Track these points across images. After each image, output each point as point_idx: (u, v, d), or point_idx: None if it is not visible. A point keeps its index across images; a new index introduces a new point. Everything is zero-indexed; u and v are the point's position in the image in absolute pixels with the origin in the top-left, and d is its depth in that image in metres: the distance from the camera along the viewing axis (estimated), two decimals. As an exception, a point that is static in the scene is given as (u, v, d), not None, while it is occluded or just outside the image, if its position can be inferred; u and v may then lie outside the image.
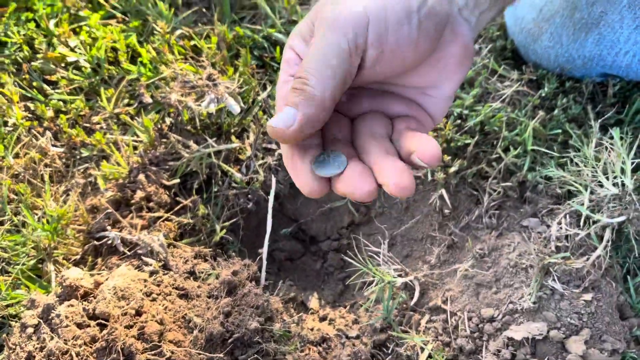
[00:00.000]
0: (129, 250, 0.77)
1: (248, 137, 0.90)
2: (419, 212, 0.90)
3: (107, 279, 0.69)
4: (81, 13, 1.00)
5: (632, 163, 0.76)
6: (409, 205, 0.92)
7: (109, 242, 0.77)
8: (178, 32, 0.97)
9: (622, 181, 0.76)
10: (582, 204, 0.79)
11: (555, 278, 0.74)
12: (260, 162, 0.88)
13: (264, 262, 0.80)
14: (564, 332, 0.71)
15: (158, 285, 0.71)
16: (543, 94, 0.93)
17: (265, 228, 0.88)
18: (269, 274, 0.86)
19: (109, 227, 0.78)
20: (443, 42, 0.49)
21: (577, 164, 0.84)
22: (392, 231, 0.91)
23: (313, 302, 0.88)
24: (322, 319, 0.84)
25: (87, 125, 0.91)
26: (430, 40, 0.48)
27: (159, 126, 0.88)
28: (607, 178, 0.78)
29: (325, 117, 0.45)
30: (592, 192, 0.80)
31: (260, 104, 0.93)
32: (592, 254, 0.77)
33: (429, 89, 0.53)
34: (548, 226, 0.82)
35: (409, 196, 0.43)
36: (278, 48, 0.97)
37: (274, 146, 0.91)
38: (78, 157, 0.88)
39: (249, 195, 0.87)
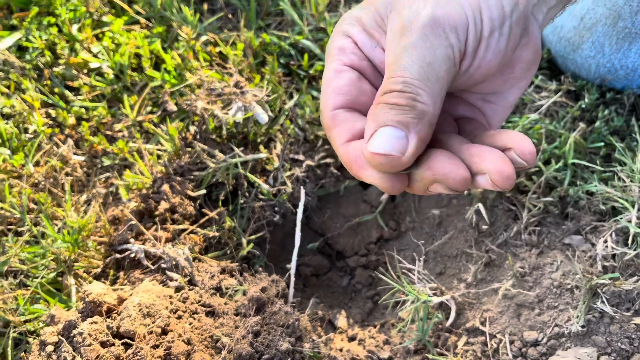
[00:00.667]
0: (152, 264, 0.73)
1: (275, 147, 0.87)
2: (453, 227, 0.86)
3: (131, 295, 0.66)
4: (104, 18, 0.97)
5: (686, 179, 0.72)
6: (442, 220, 0.88)
7: (132, 255, 0.73)
8: (203, 38, 0.94)
9: (675, 198, 0.71)
10: (630, 221, 0.75)
11: (604, 300, 0.70)
12: (288, 173, 0.84)
13: (292, 279, 0.76)
14: (614, 358, 0.66)
15: (184, 302, 0.67)
16: (583, 105, 0.89)
17: (292, 242, 0.84)
18: (295, 290, 0.82)
19: (132, 240, 0.74)
20: (517, 49, 0.44)
21: (622, 179, 0.79)
22: (425, 247, 0.87)
23: (341, 320, 0.84)
24: (351, 339, 0.80)
25: (109, 132, 0.88)
26: (514, 48, 0.43)
27: (184, 135, 0.85)
28: (657, 194, 0.74)
29: (431, 135, 0.40)
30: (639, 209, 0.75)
31: (287, 112, 0.90)
32: (641, 274, 0.72)
33: (492, 96, 0.48)
34: (593, 244, 0.77)
35: (508, 189, 0.37)
36: (306, 56, 0.94)
37: (301, 157, 0.87)
38: (99, 165, 0.85)
39: (276, 208, 0.84)
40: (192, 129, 0.86)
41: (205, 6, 1.00)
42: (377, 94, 0.40)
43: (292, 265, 0.76)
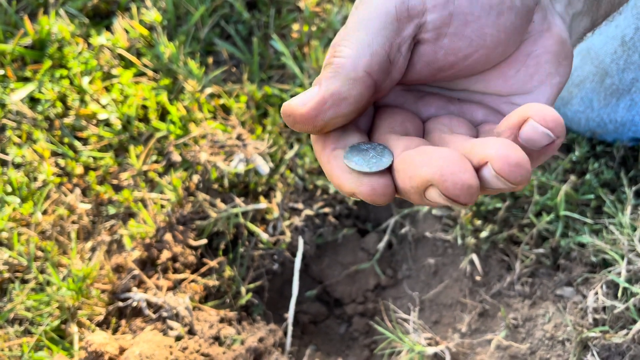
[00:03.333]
0: (154, 313, 0.75)
1: (275, 196, 0.90)
2: (448, 276, 0.88)
3: (132, 345, 0.68)
4: (114, 71, 1.02)
5: (672, 234, 0.74)
6: (437, 269, 0.90)
7: (134, 304, 0.75)
8: (208, 90, 0.98)
9: (662, 252, 0.73)
10: (619, 274, 0.77)
11: (595, 353, 0.71)
12: (287, 222, 0.87)
13: (290, 328, 0.78)
14: (606, 413, 0.67)
15: (183, 352, 0.69)
16: (574, 158, 0.92)
17: (290, 289, 0.86)
18: (292, 338, 0.84)
19: (134, 288, 0.77)
20: (533, 32, 0.38)
21: (612, 232, 0.82)
22: (421, 295, 0.89)
23: (338, 368, 0.85)
24: (348, 387, 0.81)
25: (115, 181, 0.91)
26: (516, 12, 0.37)
27: (187, 184, 0.88)
28: (645, 248, 0.76)
29: (359, 98, 0.34)
30: (629, 262, 0.77)
31: (287, 162, 0.93)
32: (632, 327, 0.74)
33: (518, 97, 0.39)
34: (584, 296, 0.79)
35: (522, 183, 0.29)
36: (306, 107, 0.98)
37: (300, 206, 0.90)
38: (105, 213, 0.88)
39: (275, 256, 0.86)
40: (195, 178, 0.89)
41: (211, 60, 1.05)
42: None
43: (290, 315, 0.78)
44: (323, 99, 0.33)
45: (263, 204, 0.85)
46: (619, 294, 0.76)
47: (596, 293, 0.77)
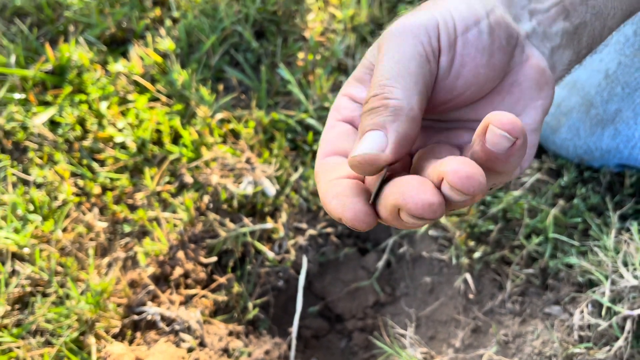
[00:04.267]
0: (167, 325, 0.80)
1: (280, 216, 0.95)
2: (444, 294, 0.93)
3: (147, 356, 0.73)
4: (129, 96, 1.08)
5: (651, 257, 0.79)
6: (433, 287, 0.95)
7: (148, 317, 0.80)
8: (218, 115, 1.04)
9: (642, 274, 0.79)
10: (604, 294, 0.82)
11: (579, 368, 0.76)
12: (292, 241, 0.92)
13: (294, 342, 0.83)
14: None
15: (194, 363, 0.74)
16: (562, 183, 0.97)
17: (294, 305, 0.91)
18: (296, 351, 0.89)
19: (149, 302, 0.82)
20: (514, 64, 0.43)
21: (597, 254, 0.87)
22: (417, 312, 0.94)
23: (339, 381, 0.90)
24: (348, 399, 0.86)
25: (130, 201, 0.97)
26: (503, 52, 0.42)
27: (198, 204, 0.94)
28: (627, 269, 0.81)
29: (417, 132, 0.38)
30: (613, 283, 0.82)
31: (292, 185, 0.98)
32: (615, 343, 0.79)
33: None
34: (570, 314, 0.84)
35: (476, 193, 0.32)
36: (310, 133, 1.04)
37: (304, 225, 0.96)
38: (120, 231, 0.94)
39: (280, 273, 0.91)
40: (206, 198, 0.95)
41: (221, 86, 1.11)
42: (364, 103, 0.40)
43: (294, 330, 0.83)
44: (399, 143, 0.37)
45: (269, 224, 0.91)
46: (603, 313, 0.81)
47: (582, 312, 0.82)
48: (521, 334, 0.83)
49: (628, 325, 0.79)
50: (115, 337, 0.82)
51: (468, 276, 0.90)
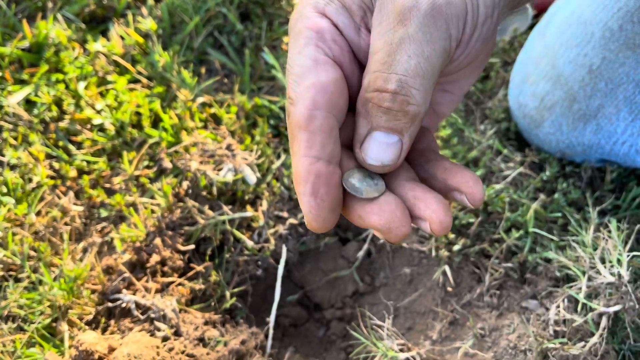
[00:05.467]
0: (142, 314, 0.79)
1: (261, 205, 0.94)
2: (422, 285, 0.93)
3: (121, 345, 0.72)
4: (109, 77, 1.05)
5: (628, 255, 0.80)
6: (412, 278, 0.95)
7: (123, 305, 0.79)
8: (200, 99, 1.02)
9: (619, 271, 0.79)
10: (580, 289, 0.82)
11: (553, 363, 0.76)
12: (272, 230, 0.91)
13: (271, 332, 0.82)
14: (560, 418, 0.72)
15: (170, 352, 0.73)
16: (544, 177, 0.97)
17: (272, 293, 0.90)
18: (273, 340, 0.88)
19: (124, 290, 0.81)
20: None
21: (575, 249, 0.87)
22: (396, 303, 0.94)
23: (315, 370, 0.90)
24: (324, 388, 0.86)
25: (108, 185, 0.95)
26: (494, 35, 0.40)
27: (177, 190, 0.92)
28: (605, 266, 0.82)
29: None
30: (590, 279, 0.83)
31: (274, 172, 0.97)
32: (590, 339, 0.79)
33: (450, 84, 0.45)
34: (547, 309, 0.85)
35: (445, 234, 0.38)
36: (293, 120, 1.02)
37: (285, 214, 0.94)
38: (96, 216, 0.92)
39: (259, 262, 0.90)
40: (185, 184, 0.93)
41: (203, 69, 1.09)
42: (366, 83, 0.37)
43: (271, 320, 0.83)
44: (409, 146, 0.38)
45: (249, 212, 0.90)
46: (579, 309, 0.82)
47: (558, 307, 0.83)
48: (497, 327, 0.83)
49: (603, 321, 0.79)
50: (88, 324, 0.81)
51: (447, 268, 0.90)
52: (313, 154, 0.35)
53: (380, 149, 0.37)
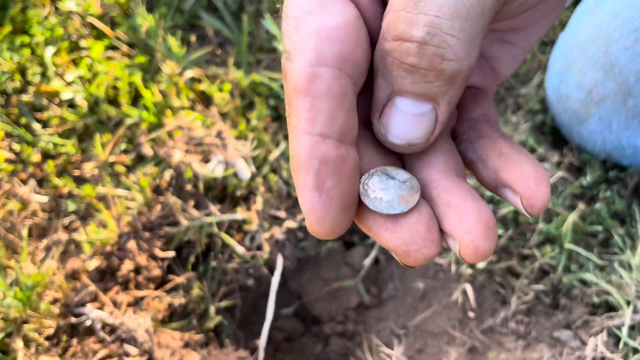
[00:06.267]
0: (110, 334, 0.67)
1: (255, 203, 0.81)
2: (437, 302, 0.81)
3: (80, 377, 0.60)
4: (82, 42, 0.90)
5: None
6: (426, 293, 0.83)
7: (88, 322, 0.67)
8: (188, 73, 0.88)
9: (675, 307, 0.67)
10: (623, 324, 0.70)
11: (591, 412, 0.65)
12: (267, 234, 0.78)
13: (261, 358, 0.71)
14: None
15: (139, 386, 0.62)
16: (584, 183, 0.84)
17: (265, 303, 0.79)
18: (264, 354, 0.77)
19: (89, 305, 0.68)
20: None
21: (618, 272, 0.75)
22: (406, 320, 0.82)
23: (311, 393, 0.79)
24: (320, 418, 0.75)
25: (77, 172, 0.82)
26: None
27: (157, 182, 0.79)
28: (656, 298, 0.70)
29: None
30: (635, 310, 0.71)
31: (271, 164, 0.84)
32: (631, 382, 0.68)
33: (512, 34, 0.33)
34: (582, 342, 0.73)
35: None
36: (296, 102, 0.88)
37: (282, 214, 0.82)
38: (63, 210, 0.79)
39: (251, 271, 0.78)
40: (167, 174, 0.80)
41: (194, 37, 0.94)
42: (385, 27, 0.26)
43: (262, 343, 0.71)
44: (448, 117, 0.27)
45: (240, 214, 0.77)
46: (621, 345, 0.70)
47: (596, 342, 0.71)
48: (524, 361, 0.72)
49: (650, 363, 0.68)
50: (48, 339, 0.69)
51: (468, 287, 0.78)
52: (317, 130, 0.25)
53: (405, 121, 0.27)
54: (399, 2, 0.25)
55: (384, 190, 0.26)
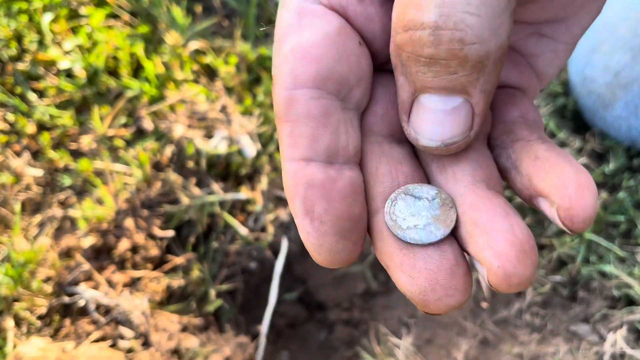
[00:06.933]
0: (104, 315, 0.64)
1: (260, 182, 0.77)
2: (448, 291, 0.78)
3: (72, 359, 0.57)
4: (82, 10, 0.86)
5: None
6: (436, 282, 0.79)
7: (81, 302, 0.64)
8: (193, 45, 0.83)
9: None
10: (646, 318, 0.67)
11: (609, 411, 0.62)
12: (271, 216, 0.75)
13: (263, 343, 0.67)
14: None
15: (133, 370, 0.58)
16: (607, 170, 0.80)
17: (267, 287, 0.75)
18: (265, 340, 0.74)
19: (83, 284, 0.65)
20: None
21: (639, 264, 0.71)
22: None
23: (313, 381, 0.76)
24: (323, 407, 0.72)
25: (74, 145, 0.78)
26: None
27: (157, 157, 0.75)
28: (681, 293, 0.66)
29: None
30: (659, 305, 0.67)
31: (278, 141, 0.80)
32: (652, 380, 0.64)
33: (549, 26, 0.29)
34: (600, 336, 0.69)
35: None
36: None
37: (288, 195, 0.78)
38: (58, 183, 0.75)
39: (253, 253, 0.74)
40: (168, 150, 0.76)
41: (200, 7, 0.89)
42: (395, 18, 0.23)
43: (263, 329, 0.67)
44: (487, 105, 0.24)
45: (244, 194, 0.73)
46: (642, 341, 0.67)
47: (615, 336, 0.67)
48: (539, 355, 0.68)
49: (673, 361, 0.64)
50: (41, 318, 0.66)
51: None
52: (298, 155, 0.23)
53: (436, 120, 0.23)
54: None
55: (415, 215, 0.22)
